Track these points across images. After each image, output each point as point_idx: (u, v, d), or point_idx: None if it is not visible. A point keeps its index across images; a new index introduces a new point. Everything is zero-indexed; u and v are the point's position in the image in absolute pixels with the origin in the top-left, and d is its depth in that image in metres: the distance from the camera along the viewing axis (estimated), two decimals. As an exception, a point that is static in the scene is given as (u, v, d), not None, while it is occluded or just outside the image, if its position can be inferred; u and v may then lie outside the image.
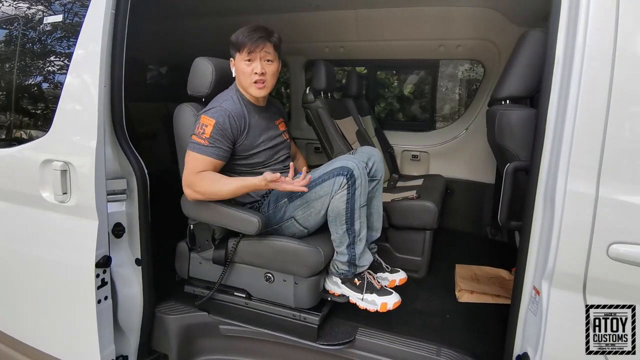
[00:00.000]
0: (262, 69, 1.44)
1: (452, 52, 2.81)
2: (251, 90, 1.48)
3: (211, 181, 1.38)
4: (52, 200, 1.41)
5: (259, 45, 1.43)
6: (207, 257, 1.57)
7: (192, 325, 1.62)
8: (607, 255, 0.93)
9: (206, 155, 1.39)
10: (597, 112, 0.92)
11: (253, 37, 1.42)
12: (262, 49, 1.44)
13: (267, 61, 1.46)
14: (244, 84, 1.48)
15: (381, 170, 1.61)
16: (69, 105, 1.38)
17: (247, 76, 1.45)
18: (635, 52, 0.91)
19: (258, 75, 1.44)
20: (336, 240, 1.47)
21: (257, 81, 1.45)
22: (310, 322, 1.48)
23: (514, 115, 1.26)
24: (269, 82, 1.49)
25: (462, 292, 1.85)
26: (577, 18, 0.94)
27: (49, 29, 1.50)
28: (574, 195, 0.96)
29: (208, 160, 1.39)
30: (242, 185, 1.38)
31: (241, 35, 1.44)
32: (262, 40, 1.43)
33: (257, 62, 1.44)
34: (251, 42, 1.42)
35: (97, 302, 1.38)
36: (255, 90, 1.47)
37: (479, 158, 2.81)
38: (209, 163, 1.40)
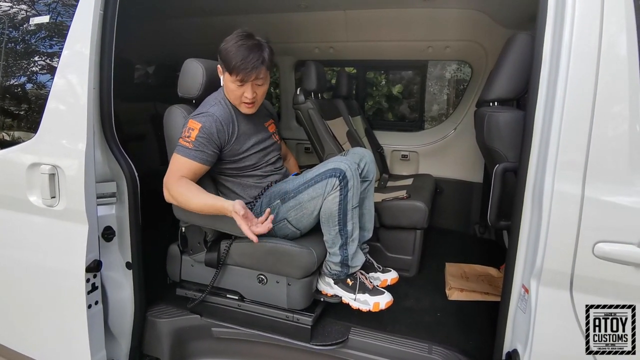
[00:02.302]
0: (253, 94, 1.42)
1: (441, 54, 2.85)
2: (240, 108, 1.47)
3: (186, 189, 1.35)
4: (40, 205, 1.38)
5: (252, 75, 1.37)
6: (199, 259, 1.57)
7: (184, 329, 1.61)
8: (593, 254, 0.96)
9: (189, 158, 1.37)
10: (582, 112, 0.95)
11: (247, 66, 1.35)
12: (256, 77, 1.39)
13: (258, 85, 1.43)
14: (233, 101, 1.46)
15: (373, 171, 1.63)
16: (57, 107, 1.36)
17: (237, 97, 1.43)
18: (619, 53, 0.93)
19: (249, 99, 1.43)
20: (329, 241, 1.48)
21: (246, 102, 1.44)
22: (303, 323, 1.49)
23: (502, 117, 1.28)
24: (258, 102, 1.48)
25: (452, 290, 1.88)
26: (563, 20, 0.97)
27: (36, 29, 1.47)
28: (560, 195, 0.98)
29: (191, 163, 1.38)
30: (212, 203, 1.33)
31: (234, 60, 1.35)
32: (256, 70, 1.37)
33: (249, 88, 1.41)
34: (245, 72, 1.36)
35: (88, 307, 1.37)
36: (244, 109, 1.46)
37: (468, 157, 2.85)
38: (192, 166, 1.38)
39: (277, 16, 2.61)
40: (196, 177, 1.42)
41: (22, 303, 1.55)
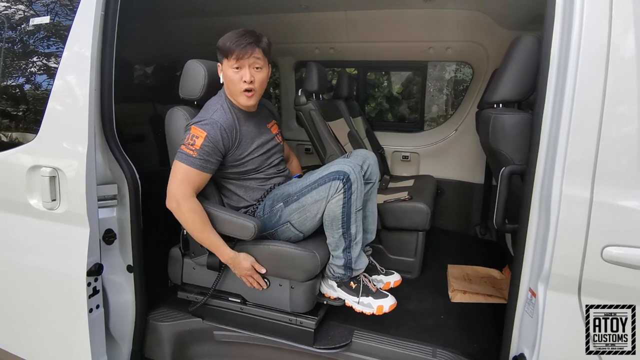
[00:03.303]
0: (251, 77, 1.40)
1: (442, 54, 2.84)
2: (240, 99, 1.44)
3: (199, 219, 1.38)
4: (41, 208, 1.37)
5: (247, 52, 1.38)
6: (201, 262, 1.55)
7: (186, 332, 1.59)
8: (602, 258, 0.95)
9: (194, 167, 1.35)
10: (591, 114, 0.94)
11: (241, 43, 1.37)
12: (251, 55, 1.39)
13: (256, 68, 1.42)
14: (233, 92, 1.44)
15: (376, 173, 1.61)
16: (58, 109, 1.34)
17: (235, 84, 1.41)
18: (628, 54, 0.93)
19: (247, 84, 1.40)
20: (332, 244, 1.46)
21: (245, 89, 1.42)
22: (306, 327, 1.48)
23: (508, 119, 1.27)
24: (258, 90, 1.45)
25: (455, 293, 1.88)
26: (572, 21, 0.96)
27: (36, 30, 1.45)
28: (569, 198, 0.97)
29: (195, 172, 1.36)
30: (217, 244, 1.42)
31: (229, 41, 1.38)
32: (251, 47, 1.38)
33: (246, 70, 1.40)
34: (239, 49, 1.37)
35: (89, 311, 1.35)
36: (244, 99, 1.44)
37: (468, 158, 2.85)
38: (196, 175, 1.36)
39: (277, 17, 2.60)
40: (202, 186, 1.41)
41: (23, 307, 1.53)
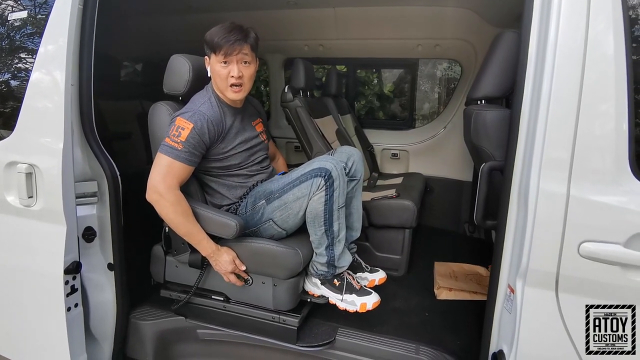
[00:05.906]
0: (239, 72, 1.39)
1: (430, 52, 2.84)
2: (228, 93, 1.43)
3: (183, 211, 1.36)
4: (17, 205, 1.35)
5: (235, 48, 1.37)
6: (183, 260, 1.53)
7: (169, 331, 1.58)
8: (578, 253, 0.95)
9: (178, 160, 1.33)
10: (568, 111, 0.94)
11: (230, 39, 1.35)
12: (239, 52, 1.38)
13: (244, 63, 1.41)
14: (220, 87, 1.43)
15: (361, 170, 1.61)
16: (34, 104, 1.32)
17: (223, 79, 1.41)
18: (605, 51, 0.92)
19: (235, 79, 1.39)
20: (315, 242, 1.46)
21: (233, 84, 1.41)
22: (289, 324, 1.47)
23: (489, 115, 1.27)
24: (246, 85, 1.45)
25: (440, 290, 1.88)
26: (549, 18, 0.96)
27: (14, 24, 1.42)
28: (546, 194, 0.97)
29: (180, 165, 1.34)
30: (199, 238, 1.40)
31: (217, 37, 1.37)
32: (239, 43, 1.37)
33: (234, 65, 1.39)
34: (227, 46, 1.36)
35: (67, 310, 1.33)
36: (231, 94, 1.43)
37: (457, 156, 2.85)
38: (181, 168, 1.34)
39: (266, 13, 2.58)
40: (186, 179, 1.39)
41: (1, 305, 1.50)
